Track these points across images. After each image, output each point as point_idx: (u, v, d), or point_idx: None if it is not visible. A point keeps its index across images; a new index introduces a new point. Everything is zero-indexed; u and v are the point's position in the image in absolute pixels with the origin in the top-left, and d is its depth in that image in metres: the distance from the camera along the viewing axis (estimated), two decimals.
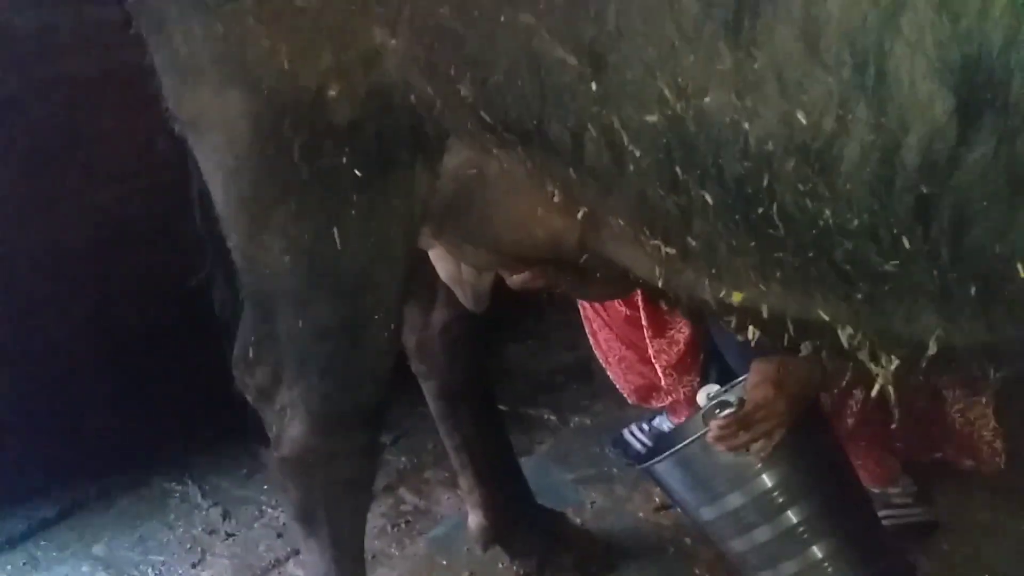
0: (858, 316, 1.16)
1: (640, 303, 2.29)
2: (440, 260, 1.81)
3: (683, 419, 2.21)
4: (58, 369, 2.59)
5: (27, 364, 2.56)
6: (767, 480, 1.74)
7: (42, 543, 2.50)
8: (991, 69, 0.88)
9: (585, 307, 2.43)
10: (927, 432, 2.25)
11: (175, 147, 1.60)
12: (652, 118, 1.08)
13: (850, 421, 2.13)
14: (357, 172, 1.37)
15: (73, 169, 2.55)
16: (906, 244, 1.02)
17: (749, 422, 1.70)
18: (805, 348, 1.27)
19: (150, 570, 2.37)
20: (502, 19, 1.15)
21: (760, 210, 1.08)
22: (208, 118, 1.44)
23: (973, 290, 1.04)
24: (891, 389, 1.21)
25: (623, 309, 2.35)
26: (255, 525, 2.48)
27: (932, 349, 1.13)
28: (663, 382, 2.40)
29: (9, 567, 2.43)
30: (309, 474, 1.64)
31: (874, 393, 1.22)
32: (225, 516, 2.53)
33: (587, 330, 2.47)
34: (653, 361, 2.38)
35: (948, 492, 2.22)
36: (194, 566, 2.36)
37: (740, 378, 1.82)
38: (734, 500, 1.77)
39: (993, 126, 0.91)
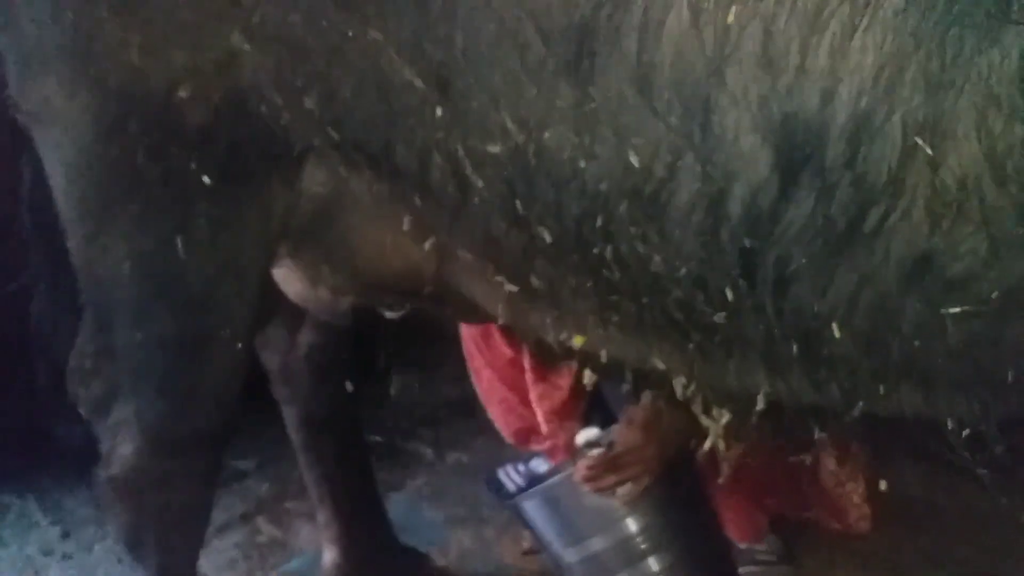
0: (691, 367, 1.17)
1: (524, 346, 2.26)
2: (288, 281, 1.74)
3: (560, 462, 2.19)
4: None
5: None
6: (631, 525, 1.75)
7: None
8: (808, 127, 0.90)
9: (469, 346, 2.39)
10: (799, 490, 2.28)
11: (12, 140, 1.51)
12: (495, 148, 1.07)
13: (724, 474, 2.14)
14: (206, 179, 1.32)
15: None
16: (730, 296, 1.03)
17: (617, 465, 1.71)
18: (645, 397, 1.25)
19: None
20: (350, 34, 1.12)
21: (596, 251, 1.08)
22: (52, 111, 1.36)
23: (795, 348, 1.06)
24: (721, 444, 1.20)
25: (507, 351, 2.31)
26: (96, 547, 2.33)
27: (761, 405, 1.14)
28: (544, 427, 2.36)
29: None
30: (139, 497, 1.55)
31: (706, 447, 1.21)
32: (64, 536, 2.38)
33: (470, 367, 2.42)
34: (535, 405, 2.34)
35: (813, 552, 2.23)
36: None
37: (615, 426, 1.81)
38: (597, 543, 1.77)
39: (811, 184, 0.92)
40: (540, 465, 2.51)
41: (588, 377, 1.27)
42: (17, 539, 2.37)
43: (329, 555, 2.09)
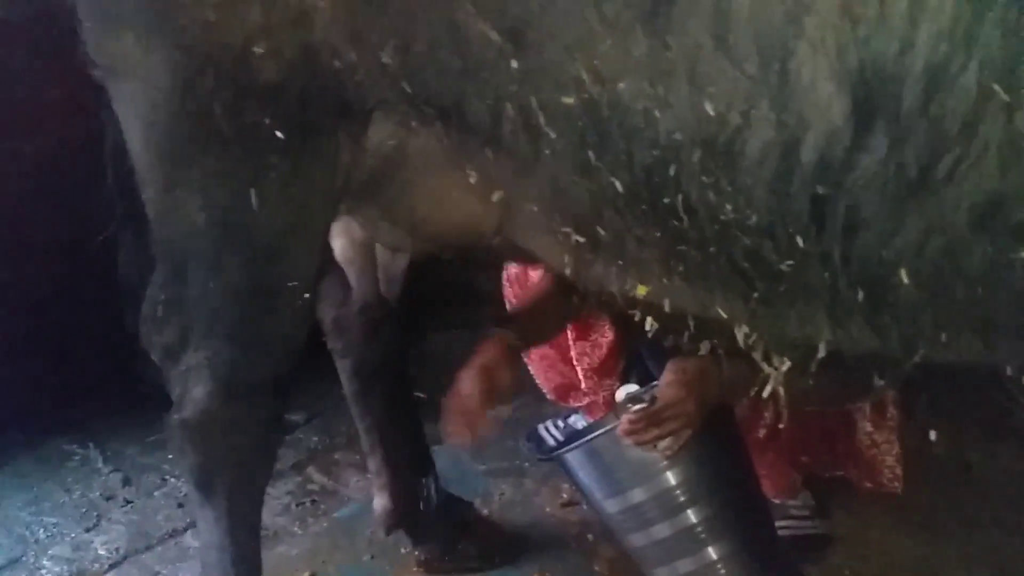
0: (754, 315, 1.19)
1: None
2: (336, 238, 1.78)
3: (599, 419, 2.23)
4: None
5: None
6: (671, 478, 1.77)
7: None
8: (885, 76, 0.91)
9: (511, 302, 2.43)
10: (832, 450, 2.31)
11: (97, 98, 1.56)
12: (569, 100, 1.09)
13: (761, 432, 2.18)
14: (279, 134, 1.35)
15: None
16: (800, 244, 1.05)
17: (658, 419, 1.73)
18: (704, 347, 1.28)
19: (42, 531, 2.30)
20: None
21: (666, 200, 1.10)
22: (129, 65, 1.39)
23: (861, 295, 1.07)
24: (781, 391, 1.22)
25: None
26: (155, 493, 2.43)
27: (822, 352, 1.16)
28: (583, 383, 2.41)
29: None
30: (209, 440, 1.60)
31: (765, 394, 1.24)
32: (125, 482, 2.47)
33: None
34: (575, 362, 2.39)
35: (846, 509, 2.27)
36: (88, 530, 2.30)
37: (656, 382, 1.84)
38: (637, 495, 1.80)
39: (885, 132, 0.94)
40: (579, 421, 2.56)
41: (650, 324, 1.29)
42: (80, 485, 2.47)
43: (379, 502, 2.15)
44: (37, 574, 2.16)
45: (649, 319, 1.29)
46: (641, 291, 1.25)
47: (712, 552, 1.77)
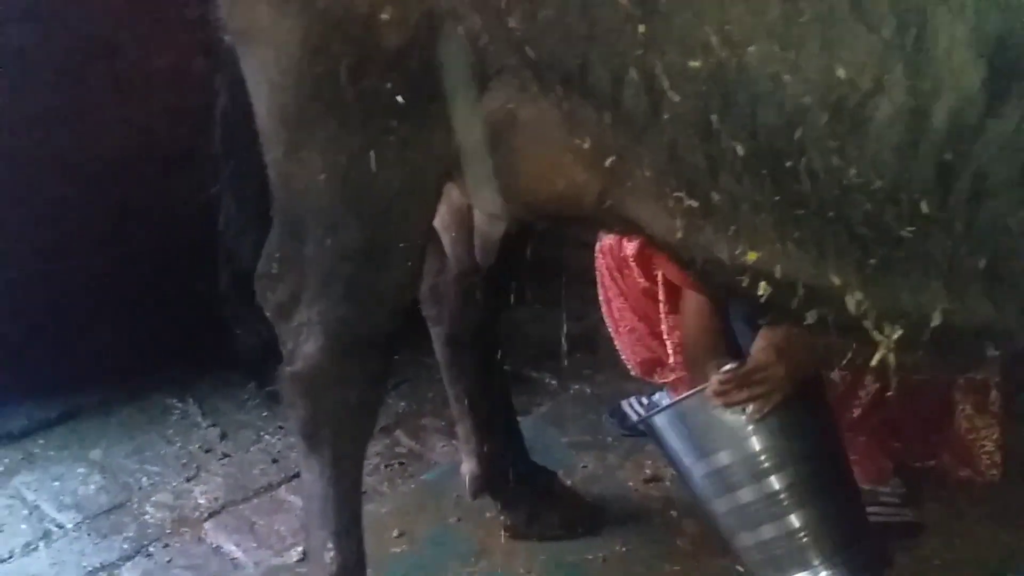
0: (868, 282, 1.20)
1: (659, 277, 2.31)
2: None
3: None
4: (73, 276, 2.64)
5: (45, 267, 2.61)
6: (757, 442, 1.79)
7: (40, 442, 2.57)
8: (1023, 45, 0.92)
9: (603, 274, 2.46)
10: (927, 437, 2.28)
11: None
12: (695, 64, 1.11)
13: (855, 412, 2.16)
14: (400, 99, 1.40)
15: (105, 81, 2.58)
16: (923, 210, 1.05)
17: (748, 381, 1.75)
18: (811, 316, 1.28)
19: (144, 479, 2.42)
20: None
21: (788, 164, 1.11)
22: (260, 30, 1.46)
23: (982, 263, 1.08)
24: (892, 359, 1.23)
25: (641, 281, 2.37)
26: (251, 448, 2.53)
27: (936, 321, 1.16)
28: (671, 358, 2.42)
29: (7, 460, 2.50)
30: (318, 393, 1.66)
31: (875, 361, 1.25)
32: (223, 437, 2.58)
33: (601, 297, 2.49)
34: (664, 336, 2.40)
35: (938, 499, 2.24)
36: (188, 480, 2.42)
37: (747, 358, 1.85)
38: (723, 458, 1.82)
39: (1019, 101, 0.94)
40: (663, 399, 2.58)
41: (763, 289, 1.29)
42: (180, 437, 2.59)
43: (467, 466, 2.20)
44: (141, 519, 2.28)
45: (763, 284, 1.29)
46: (751, 257, 1.26)
47: (795, 520, 1.78)
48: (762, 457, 1.78)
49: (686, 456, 1.88)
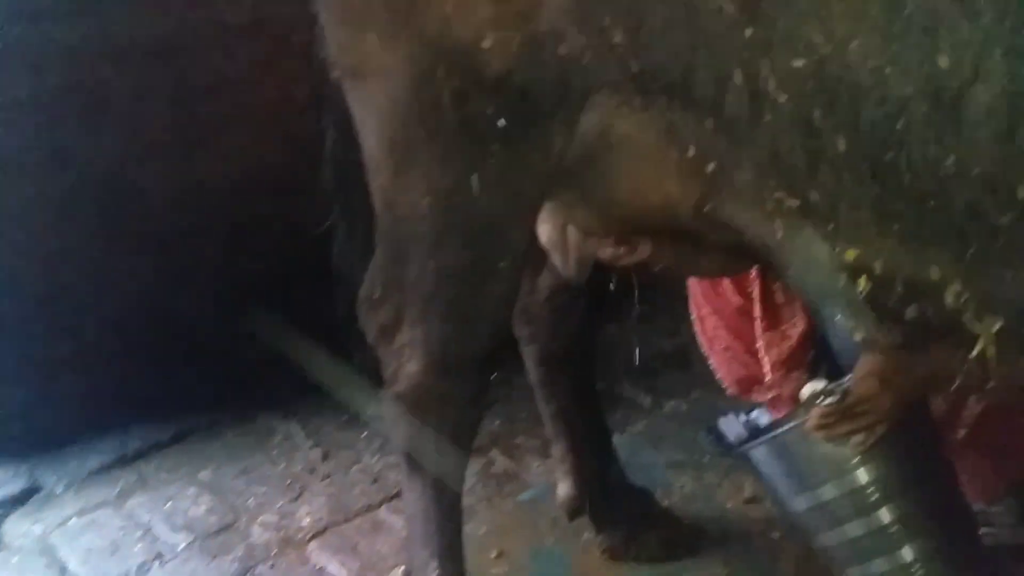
0: (967, 273, 1.20)
1: (755, 294, 2.28)
2: (542, 223, 1.84)
3: (783, 414, 2.20)
4: (188, 302, 2.75)
5: (161, 294, 2.73)
6: (864, 475, 1.73)
7: (153, 464, 2.67)
8: None
9: (696, 293, 2.43)
10: None
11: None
12: (799, 63, 1.14)
13: (961, 432, 2.09)
14: (501, 123, 1.43)
15: (217, 112, 2.70)
16: (1022, 196, 1.07)
17: (851, 413, 1.70)
18: (911, 311, 1.28)
19: (252, 499, 2.50)
20: None
21: (889, 156, 1.14)
22: (371, 64, 1.51)
23: None
24: (992, 352, 1.23)
25: (735, 298, 2.34)
26: (352, 469, 2.58)
27: None
28: (768, 376, 2.37)
29: (121, 482, 2.60)
30: (420, 413, 1.70)
31: (974, 353, 1.25)
32: (325, 457, 2.64)
33: (694, 315, 2.46)
34: (761, 354, 2.36)
35: None
36: (293, 501, 2.48)
37: (847, 377, 1.81)
38: (828, 492, 1.77)
39: None
40: (761, 416, 2.52)
41: (864, 284, 1.30)
42: (284, 458, 2.66)
43: (563, 487, 2.19)
44: (248, 540, 2.35)
45: (863, 279, 1.30)
46: (851, 255, 1.28)
47: (908, 552, 1.72)
48: (870, 490, 1.73)
49: (786, 489, 1.84)
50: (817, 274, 1.38)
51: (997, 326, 1.24)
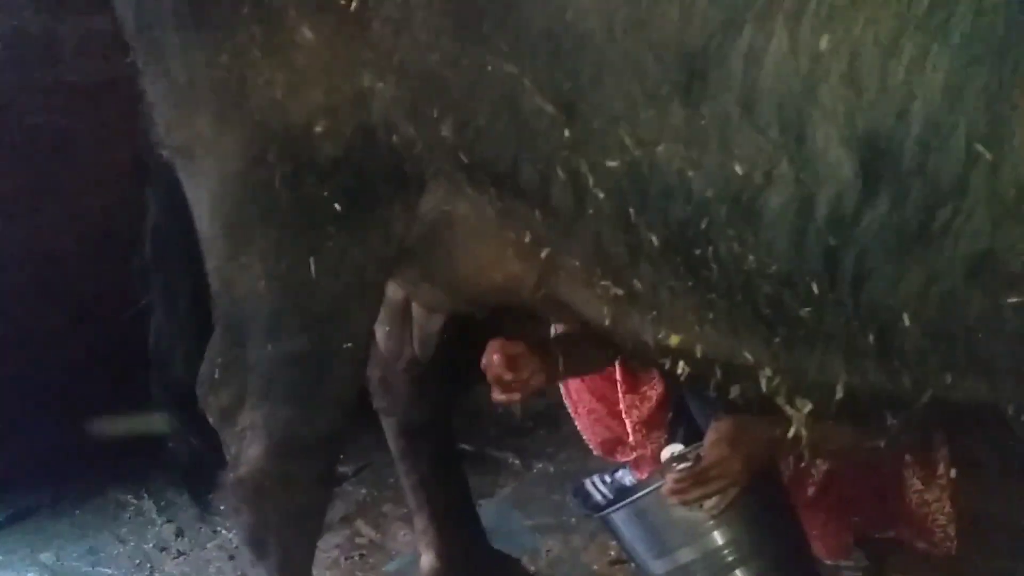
0: (776, 359, 1.29)
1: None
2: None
3: (646, 474, 2.23)
4: (22, 372, 2.58)
5: None
6: (718, 537, 1.77)
7: None
8: (887, 138, 1.03)
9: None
10: (884, 509, 2.27)
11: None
12: (613, 163, 1.21)
13: (811, 491, 2.16)
14: (337, 207, 1.43)
15: (64, 174, 2.57)
16: (816, 291, 1.15)
17: (704, 478, 1.73)
18: (734, 391, 1.37)
19: None
20: (488, 68, 1.25)
21: (697, 252, 1.21)
22: (202, 144, 1.49)
23: (872, 339, 1.17)
24: (804, 432, 1.34)
25: None
26: (208, 545, 2.47)
27: (839, 394, 1.26)
28: (631, 437, 2.41)
29: None
30: (263, 497, 1.65)
31: (790, 435, 1.35)
32: (178, 534, 2.52)
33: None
34: (623, 416, 2.40)
35: (901, 570, 2.21)
36: None
37: (700, 442, 1.85)
38: (685, 555, 1.80)
39: (888, 189, 1.06)
40: (626, 476, 2.55)
41: (683, 369, 1.37)
42: (135, 536, 2.52)
43: (426, 559, 2.17)
44: None
45: (681, 364, 1.37)
46: (674, 340, 1.35)
47: None
48: (725, 551, 1.76)
49: (646, 553, 1.86)
50: (646, 356, 1.44)
51: (807, 409, 1.34)
